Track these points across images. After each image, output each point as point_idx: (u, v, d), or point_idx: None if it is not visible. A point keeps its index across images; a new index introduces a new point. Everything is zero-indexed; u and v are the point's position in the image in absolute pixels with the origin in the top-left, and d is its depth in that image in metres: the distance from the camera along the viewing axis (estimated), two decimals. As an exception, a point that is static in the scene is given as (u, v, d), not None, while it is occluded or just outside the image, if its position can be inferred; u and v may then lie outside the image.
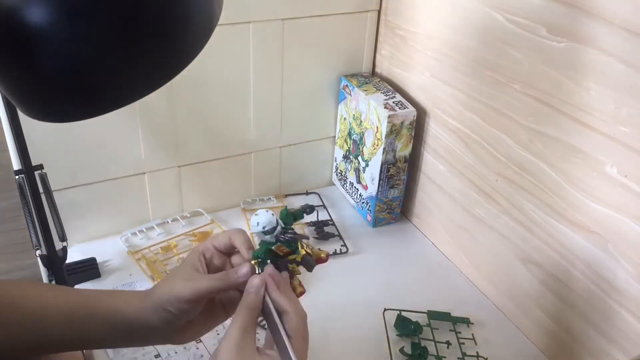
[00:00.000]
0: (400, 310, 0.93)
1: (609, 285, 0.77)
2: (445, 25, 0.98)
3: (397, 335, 0.89)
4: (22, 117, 0.83)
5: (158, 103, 1.01)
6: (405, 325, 0.90)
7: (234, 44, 1.03)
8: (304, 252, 0.63)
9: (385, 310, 0.93)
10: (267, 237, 0.61)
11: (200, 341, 0.84)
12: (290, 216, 0.63)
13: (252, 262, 0.62)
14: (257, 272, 0.61)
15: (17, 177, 0.88)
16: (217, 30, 0.56)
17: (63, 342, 0.61)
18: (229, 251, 0.65)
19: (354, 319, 0.91)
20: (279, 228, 0.61)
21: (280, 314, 0.57)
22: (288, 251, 0.62)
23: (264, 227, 0.60)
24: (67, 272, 0.95)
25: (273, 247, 0.61)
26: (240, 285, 0.60)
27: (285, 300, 0.57)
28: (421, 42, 1.04)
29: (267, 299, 0.58)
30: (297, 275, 0.64)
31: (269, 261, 0.61)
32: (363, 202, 1.17)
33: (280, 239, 0.61)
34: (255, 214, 0.61)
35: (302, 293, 0.64)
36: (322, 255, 0.65)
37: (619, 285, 0.75)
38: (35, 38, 0.45)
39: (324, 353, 0.85)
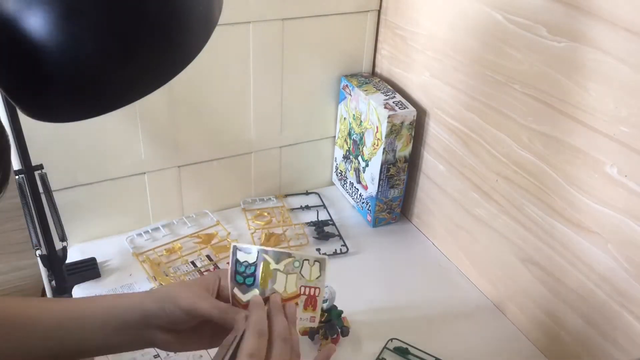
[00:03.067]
0: (408, 346, 0.88)
1: (609, 285, 0.77)
2: (445, 25, 0.98)
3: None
4: (22, 117, 0.83)
5: (158, 103, 1.01)
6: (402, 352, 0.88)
7: (234, 44, 1.03)
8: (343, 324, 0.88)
9: (391, 339, 0.89)
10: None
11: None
12: (337, 316, 0.87)
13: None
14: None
15: (17, 177, 0.88)
16: (217, 30, 0.56)
17: (52, 354, 0.60)
18: None
19: (353, 318, 0.91)
20: (328, 304, 0.85)
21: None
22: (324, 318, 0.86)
23: (324, 297, 0.83)
24: (67, 272, 0.95)
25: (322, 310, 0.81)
26: (231, 325, 0.59)
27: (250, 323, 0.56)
28: (421, 42, 1.04)
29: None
30: (324, 342, 0.86)
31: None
32: (363, 202, 1.17)
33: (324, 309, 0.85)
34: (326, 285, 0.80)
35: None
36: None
37: (619, 285, 0.75)
38: (35, 39, 0.45)
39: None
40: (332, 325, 0.85)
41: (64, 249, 0.93)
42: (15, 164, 0.90)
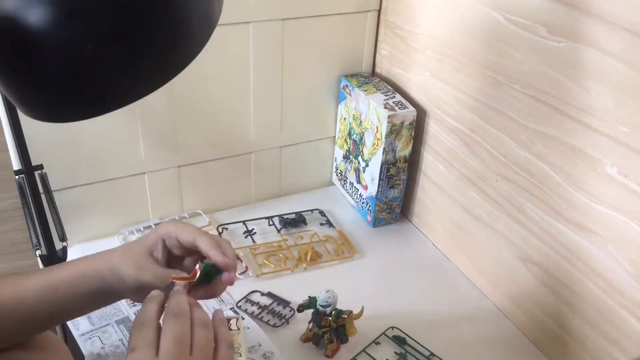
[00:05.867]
0: (406, 336, 0.90)
1: (609, 285, 0.77)
2: (445, 25, 0.98)
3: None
4: (22, 117, 0.83)
5: (158, 103, 1.01)
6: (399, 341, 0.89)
7: (234, 44, 1.03)
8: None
9: (391, 328, 0.90)
10: (320, 307, 0.85)
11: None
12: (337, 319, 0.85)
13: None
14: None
15: (17, 177, 0.88)
16: (217, 30, 0.56)
17: (38, 322, 0.63)
18: (191, 249, 0.64)
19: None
20: (329, 310, 0.85)
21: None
22: (328, 324, 0.85)
23: (327, 302, 0.84)
24: (67, 272, 0.95)
25: (325, 315, 0.85)
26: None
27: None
28: (421, 42, 1.04)
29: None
30: (329, 345, 0.85)
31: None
32: (363, 202, 1.17)
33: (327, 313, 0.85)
34: (327, 290, 0.85)
35: (327, 357, 0.86)
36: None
37: (619, 285, 0.75)
38: (36, 39, 0.45)
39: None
40: (337, 330, 0.85)
41: (64, 249, 0.93)
42: (15, 164, 0.90)
